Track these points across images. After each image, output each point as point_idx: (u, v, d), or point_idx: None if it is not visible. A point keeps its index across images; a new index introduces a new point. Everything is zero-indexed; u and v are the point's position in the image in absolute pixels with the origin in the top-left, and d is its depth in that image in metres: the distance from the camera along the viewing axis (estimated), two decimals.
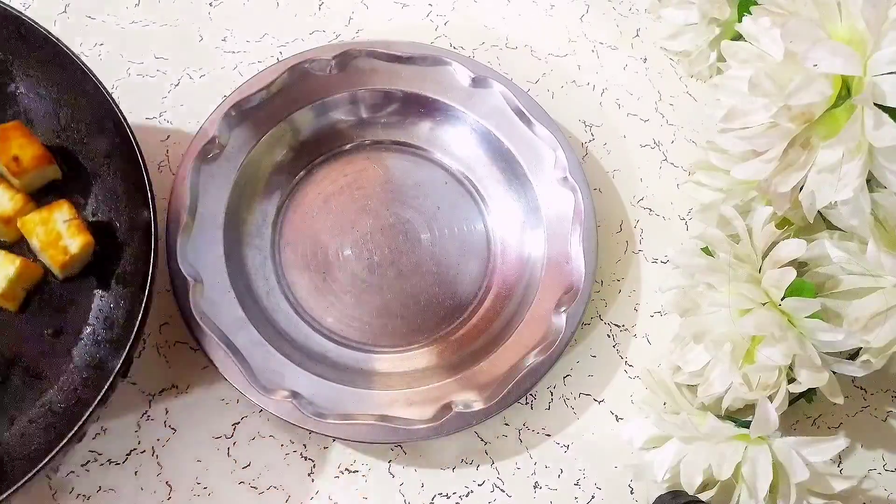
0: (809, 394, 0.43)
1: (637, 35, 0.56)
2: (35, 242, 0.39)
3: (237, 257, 0.45)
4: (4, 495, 0.34)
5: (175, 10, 0.52)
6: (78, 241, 0.39)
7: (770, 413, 0.38)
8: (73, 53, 0.41)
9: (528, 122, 0.49)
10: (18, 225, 0.40)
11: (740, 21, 0.40)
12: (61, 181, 0.43)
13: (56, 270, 0.40)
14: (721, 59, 0.50)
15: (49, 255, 0.39)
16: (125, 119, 0.40)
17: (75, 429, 0.35)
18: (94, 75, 0.41)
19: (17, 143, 0.40)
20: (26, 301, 0.41)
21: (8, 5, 0.41)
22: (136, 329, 0.37)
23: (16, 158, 0.40)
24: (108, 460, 0.42)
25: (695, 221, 0.51)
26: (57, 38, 0.41)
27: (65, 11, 0.51)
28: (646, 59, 0.55)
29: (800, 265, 0.41)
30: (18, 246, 0.42)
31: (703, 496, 0.40)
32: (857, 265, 0.39)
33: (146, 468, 0.42)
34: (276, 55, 0.52)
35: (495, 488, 0.44)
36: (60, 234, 0.39)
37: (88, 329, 0.41)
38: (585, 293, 0.45)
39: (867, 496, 0.45)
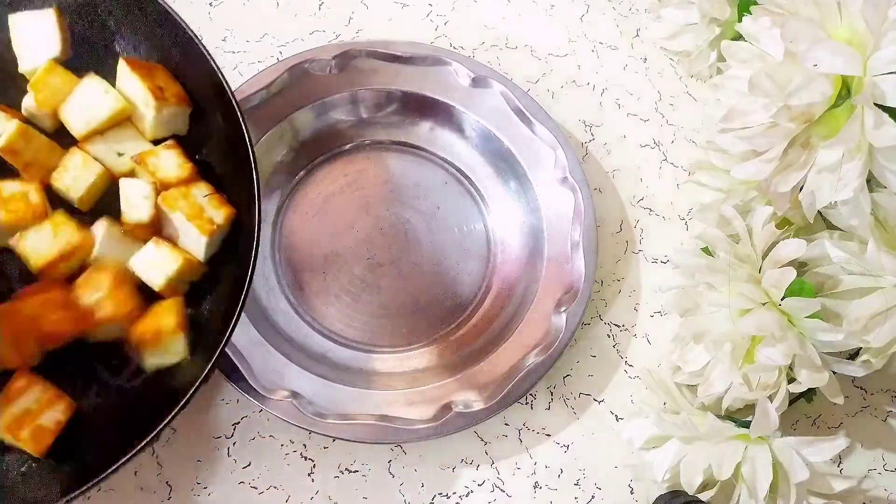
0: (809, 394, 0.43)
1: (637, 35, 0.56)
2: (179, 215, 0.38)
3: None
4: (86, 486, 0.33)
5: (175, 9, 0.52)
6: (222, 213, 0.39)
7: (770, 413, 0.38)
8: (178, 16, 0.40)
9: (528, 122, 0.49)
10: (159, 201, 0.39)
11: (740, 21, 0.40)
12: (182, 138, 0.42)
13: (204, 239, 0.39)
14: (721, 59, 0.50)
15: (196, 225, 0.38)
16: (228, 85, 0.39)
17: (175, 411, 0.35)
18: (202, 43, 0.40)
19: (162, 78, 0.40)
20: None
21: None
22: (235, 317, 0.36)
23: (160, 88, 0.40)
24: None
25: (695, 221, 0.51)
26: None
27: None
28: (646, 59, 0.55)
29: (800, 265, 0.41)
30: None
31: (703, 496, 0.40)
32: (857, 265, 0.39)
33: (146, 468, 0.42)
34: (276, 55, 0.52)
35: (495, 488, 0.44)
36: (203, 207, 0.39)
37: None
38: (585, 293, 0.45)
39: (867, 496, 0.45)
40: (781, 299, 0.38)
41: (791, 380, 0.40)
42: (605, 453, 0.45)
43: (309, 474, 0.44)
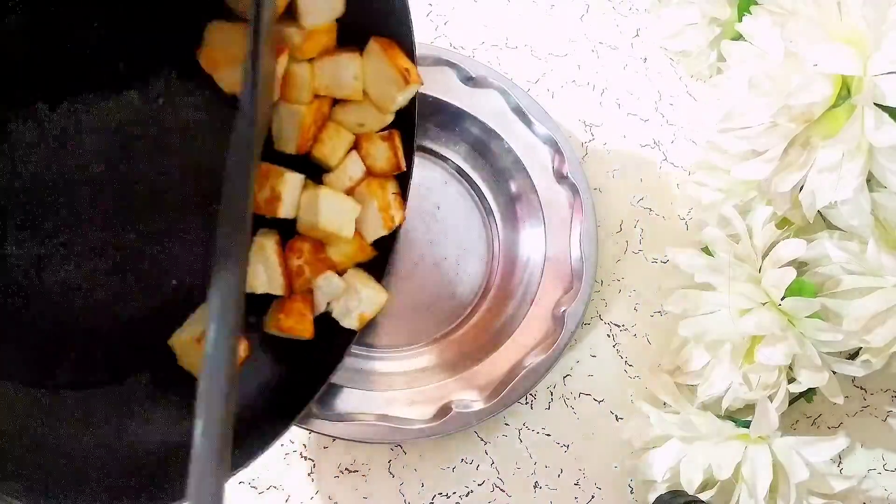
0: (809, 394, 0.43)
1: (637, 35, 0.56)
2: (374, 203, 0.39)
3: None
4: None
5: None
6: (399, 215, 0.40)
7: (770, 413, 0.38)
8: None
9: (528, 122, 0.49)
10: (364, 185, 0.40)
11: (740, 21, 0.40)
12: None
13: (382, 232, 0.40)
14: (721, 59, 0.50)
15: (383, 217, 0.39)
16: None
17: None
18: None
19: None
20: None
21: None
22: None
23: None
24: None
25: (695, 221, 0.51)
26: None
27: None
28: (646, 59, 0.55)
29: (800, 265, 0.41)
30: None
31: (703, 496, 0.40)
32: (857, 265, 0.39)
33: None
34: None
35: (495, 488, 0.44)
36: (390, 203, 0.40)
37: None
38: (585, 293, 0.45)
39: (867, 496, 0.45)
40: (781, 299, 0.38)
41: (791, 380, 0.40)
42: (605, 453, 0.45)
43: (309, 474, 0.44)
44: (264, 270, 0.38)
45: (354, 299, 0.40)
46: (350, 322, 0.40)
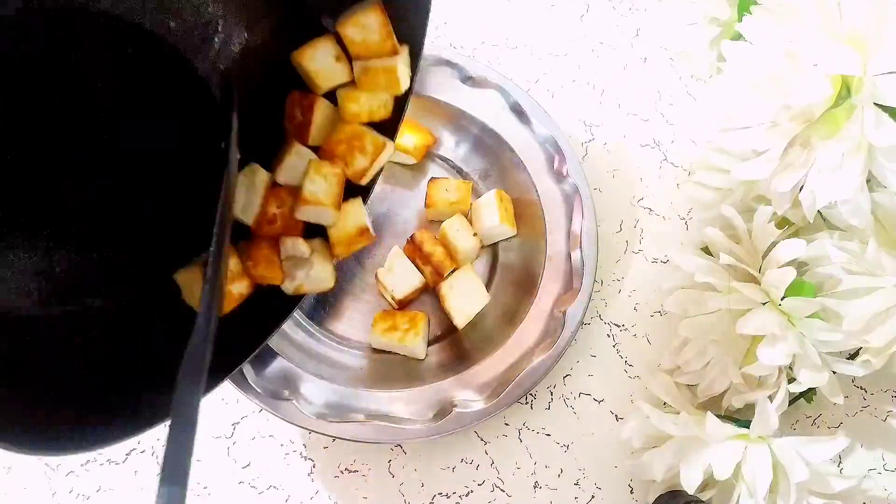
0: (809, 393, 0.43)
1: (637, 35, 0.56)
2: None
3: None
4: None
5: None
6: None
7: (770, 413, 0.38)
8: None
9: (527, 122, 0.49)
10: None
11: (740, 21, 0.40)
12: None
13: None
14: (721, 59, 0.50)
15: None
16: None
17: None
18: None
19: None
20: None
21: None
22: None
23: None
24: (108, 460, 0.42)
25: (695, 221, 0.51)
26: None
27: None
28: (646, 59, 0.55)
29: (800, 265, 0.41)
30: None
31: (703, 496, 0.40)
32: (857, 265, 0.39)
33: (146, 468, 0.42)
34: None
35: (495, 488, 0.44)
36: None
37: None
38: (585, 293, 0.45)
39: (867, 496, 0.45)
40: (781, 299, 0.38)
41: (791, 380, 0.40)
42: (605, 453, 0.45)
43: (309, 474, 0.44)
44: (245, 194, 0.37)
45: (304, 270, 0.38)
46: (287, 287, 0.38)
